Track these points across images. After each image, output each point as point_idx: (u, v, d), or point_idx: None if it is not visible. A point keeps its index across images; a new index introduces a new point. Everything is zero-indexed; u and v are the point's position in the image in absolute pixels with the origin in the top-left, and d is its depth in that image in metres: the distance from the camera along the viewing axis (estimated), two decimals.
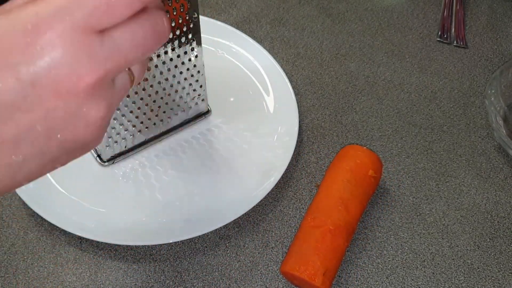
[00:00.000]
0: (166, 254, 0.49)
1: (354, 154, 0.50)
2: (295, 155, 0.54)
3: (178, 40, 0.46)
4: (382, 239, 0.50)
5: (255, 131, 0.55)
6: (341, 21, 0.67)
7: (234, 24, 0.65)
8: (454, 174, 0.55)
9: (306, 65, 0.62)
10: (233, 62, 0.60)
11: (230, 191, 0.51)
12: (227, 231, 0.50)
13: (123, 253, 0.48)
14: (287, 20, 0.66)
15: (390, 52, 0.64)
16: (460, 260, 0.49)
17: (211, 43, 0.60)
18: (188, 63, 0.49)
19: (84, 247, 0.49)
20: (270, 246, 0.49)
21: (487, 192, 0.54)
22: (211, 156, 0.54)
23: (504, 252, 0.50)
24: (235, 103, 0.58)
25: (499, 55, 0.64)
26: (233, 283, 0.47)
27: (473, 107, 0.60)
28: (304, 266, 0.44)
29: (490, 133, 0.58)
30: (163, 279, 0.47)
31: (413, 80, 0.62)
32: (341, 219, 0.46)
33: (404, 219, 0.52)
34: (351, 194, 0.48)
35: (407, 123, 0.58)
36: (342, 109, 0.59)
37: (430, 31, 0.66)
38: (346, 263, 0.49)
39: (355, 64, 0.63)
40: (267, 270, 0.48)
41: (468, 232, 0.51)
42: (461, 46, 0.65)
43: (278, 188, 0.53)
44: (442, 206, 0.52)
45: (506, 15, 0.68)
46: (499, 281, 0.48)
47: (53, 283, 0.47)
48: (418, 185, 0.54)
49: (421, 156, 0.56)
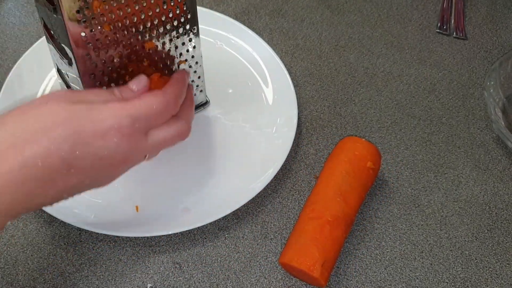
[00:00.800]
0: (165, 245, 0.49)
1: (353, 146, 0.50)
2: (294, 146, 0.54)
3: (175, 30, 0.45)
4: (380, 231, 0.50)
5: (254, 122, 0.55)
6: (340, 12, 0.66)
7: (233, 15, 0.64)
8: (452, 166, 0.55)
9: (305, 57, 0.62)
10: (232, 53, 0.60)
11: (229, 182, 0.51)
12: (226, 222, 0.50)
13: (122, 244, 0.49)
14: (286, 11, 0.66)
15: (389, 44, 0.64)
16: (458, 251, 0.50)
17: (210, 34, 0.60)
18: (186, 54, 0.48)
19: (83, 238, 0.49)
20: (269, 237, 0.50)
21: (485, 183, 0.54)
22: (210, 147, 0.54)
23: (501, 243, 0.50)
24: (234, 95, 0.57)
25: (499, 47, 0.64)
26: (232, 274, 0.47)
27: (472, 98, 0.60)
28: (303, 257, 0.44)
29: (488, 124, 0.58)
30: (162, 270, 0.47)
31: (412, 72, 0.61)
32: (339, 210, 0.46)
33: (402, 210, 0.52)
34: (349, 185, 0.48)
35: (406, 115, 0.58)
36: (341, 100, 0.59)
37: (430, 23, 0.66)
38: (344, 254, 0.49)
39: (354, 56, 0.62)
40: (266, 261, 0.48)
41: (466, 224, 0.51)
42: (461, 38, 0.64)
43: (277, 179, 0.53)
44: (440, 198, 0.53)
45: (506, 7, 0.68)
46: (497, 272, 0.49)
47: (52, 274, 0.47)
48: (416, 177, 0.54)
49: (419, 148, 0.56)
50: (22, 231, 0.49)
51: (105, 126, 0.35)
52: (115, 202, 0.50)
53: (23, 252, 0.48)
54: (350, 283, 0.47)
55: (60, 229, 0.49)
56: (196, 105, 0.55)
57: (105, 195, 0.50)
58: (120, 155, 0.36)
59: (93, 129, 0.35)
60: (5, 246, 0.48)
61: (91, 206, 0.49)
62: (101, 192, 0.50)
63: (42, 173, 0.33)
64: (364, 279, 0.48)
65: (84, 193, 0.50)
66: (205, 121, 0.55)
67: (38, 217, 0.50)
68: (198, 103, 0.55)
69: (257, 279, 0.47)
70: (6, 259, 0.47)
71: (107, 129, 0.35)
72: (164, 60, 0.46)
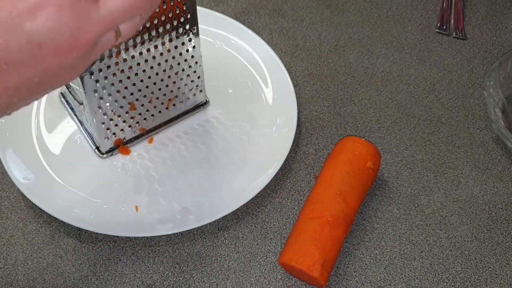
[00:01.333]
0: (165, 245, 0.49)
1: (353, 146, 0.50)
2: (293, 146, 0.54)
3: (175, 30, 0.45)
4: (380, 231, 0.50)
5: (253, 122, 0.55)
6: (340, 12, 0.66)
7: (233, 15, 0.64)
8: (452, 166, 0.55)
9: (305, 57, 0.62)
10: (232, 53, 0.60)
11: (228, 182, 0.51)
12: (225, 222, 0.50)
13: (122, 244, 0.48)
14: (286, 11, 0.66)
15: (389, 44, 0.64)
16: (458, 251, 0.50)
17: (209, 34, 0.60)
18: (186, 54, 0.48)
19: (83, 238, 0.49)
20: (269, 237, 0.50)
21: (485, 183, 0.54)
22: (209, 147, 0.54)
23: (501, 243, 0.50)
24: (234, 95, 0.57)
25: (498, 47, 0.64)
26: (231, 274, 0.47)
27: (472, 98, 0.60)
28: (303, 257, 0.44)
29: (488, 124, 0.58)
30: (162, 270, 0.47)
31: (412, 72, 0.61)
32: (339, 210, 0.46)
33: (402, 210, 0.52)
34: (349, 185, 0.48)
35: (405, 115, 0.58)
36: (341, 100, 0.59)
37: (429, 23, 0.66)
38: (344, 254, 0.49)
39: (354, 56, 0.62)
40: (266, 261, 0.48)
41: (465, 223, 0.51)
42: (460, 38, 0.64)
43: (276, 179, 0.53)
44: (440, 198, 0.53)
45: (505, 7, 0.68)
46: (496, 272, 0.49)
47: (52, 274, 0.47)
48: (416, 177, 0.54)
49: (419, 148, 0.56)
50: (21, 231, 0.49)
51: (31, 2, 0.26)
52: (115, 202, 0.50)
53: (23, 252, 0.48)
54: (350, 283, 0.47)
55: (60, 229, 0.49)
56: (196, 105, 0.55)
57: (105, 195, 0.50)
58: (64, 36, 0.27)
59: (16, 8, 0.26)
60: (5, 246, 0.48)
61: (91, 206, 0.49)
62: (101, 192, 0.50)
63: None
64: (364, 279, 0.48)
65: (84, 193, 0.50)
66: (205, 121, 0.55)
67: (37, 217, 0.50)
68: (198, 103, 0.55)
69: (257, 279, 0.47)
70: (5, 259, 0.47)
71: (36, 4, 0.26)
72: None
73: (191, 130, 0.55)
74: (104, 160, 0.52)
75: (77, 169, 0.51)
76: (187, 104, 0.54)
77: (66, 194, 0.49)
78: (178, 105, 0.53)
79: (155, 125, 0.53)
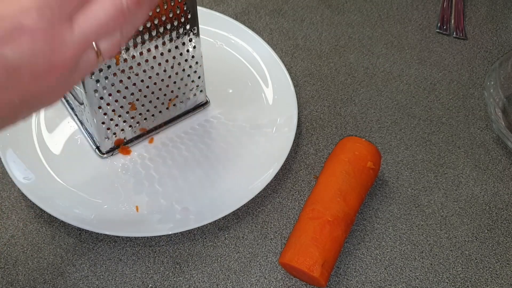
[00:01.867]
0: (165, 245, 0.49)
1: (353, 146, 0.50)
2: (294, 146, 0.54)
3: (176, 30, 0.45)
4: (380, 231, 0.50)
5: (254, 122, 0.55)
6: (340, 12, 0.66)
7: (233, 15, 0.64)
8: (452, 166, 0.55)
9: (305, 57, 0.62)
10: (232, 53, 0.60)
11: (229, 182, 0.51)
12: (226, 222, 0.50)
13: (122, 244, 0.49)
14: (286, 11, 0.66)
15: (390, 44, 0.64)
16: (458, 251, 0.50)
17: (210, 34, 0.60)
18: (186, 54, 0.48)
19: (83, 238, 0.49)
20: (269, 237, 0.50)
21: (485, 183, 0.54)
22: (210, 147, 0.54)
23: (501, 243, 0.50)
24: (234, 95, 0.57)
25: (499, 47, 0.64)
26: (232, 274, 0.47)
27: (472, 98, 0.60)
28: (303, 257, 0.44)
29: (488, 124, 0.58)
30: (162, 270, 0.47)
31: (412, 72, 0.61)
32: (339, 210, 0.46)
33: (402, 210, 0.52)
34: (349, 185, 0.48)
35: (406, 115, 0.58)
36: (341, 100, 0.59)
37: (430, 23, 0.66)
38: (344, 254, 0.49)
39: (354, 56, 0.62)
40: (266, 261, 0.48)
41: (466, 224, 0.51)
42: (461, 38, 0.64)
43: (277, 179, 0.53)
44: (440, 198, 0.53)
45: (506, 7, 0.68)
46: (497, 272, 0.49)
47: (52, 274, 0.47)
48: (416, 177, 0.54)
49: (419, 148, 0.56)
50: (22, 231, 0.49)
51: (6, 28, 0.26)
52: (115, 202, 0.50)
53: (23, 252, 0.48)
54: (350, 283, 0.47)
55: (60, 229, 0.49)
56: (196, 105, 0.55)
57: (105, 195, 0.50)
58: (39, 60, 0.27)
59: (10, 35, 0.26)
60: (5, 246, 0.48)
61: (91, 206, 0.49)
62: (102, 192, 0.51)
63: None
64: (364, 279, 0.48)
65: (84, 193, 0.50)
66: (205, 121, 0.55)
67: (38, 217, 0.50)
68: (199, 103, 0.55)
69: (257, 279, 0.47)
70: (6, 259, 0.47)
71: (10, 30, 0.26)
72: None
73: (192, 130, 0.55)
74: (104, 160, 0.52)
75: (78, 169, 0.51)
76: (187, 104, 0.54)
77: (66, 194, 0.49)
78: (179, 105, 0.53)
79: (156, 125, 0.53)
